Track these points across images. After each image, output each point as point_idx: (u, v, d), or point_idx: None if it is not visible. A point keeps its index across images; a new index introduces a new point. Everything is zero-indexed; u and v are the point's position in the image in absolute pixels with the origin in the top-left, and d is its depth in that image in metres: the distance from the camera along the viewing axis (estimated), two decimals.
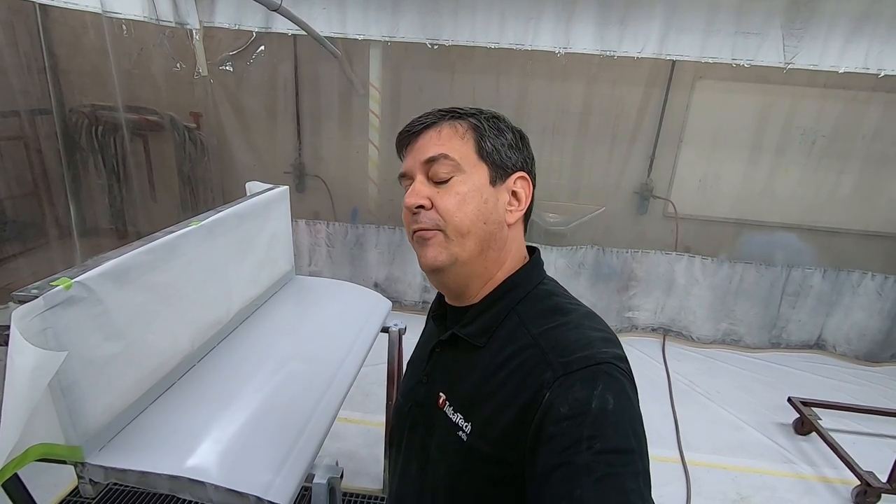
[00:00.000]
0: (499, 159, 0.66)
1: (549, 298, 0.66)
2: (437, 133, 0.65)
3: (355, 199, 3.51)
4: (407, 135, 0.68)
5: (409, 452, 0.71)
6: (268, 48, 3.21)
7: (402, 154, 0.71)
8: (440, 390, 0.67)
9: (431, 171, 0.64)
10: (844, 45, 2.79)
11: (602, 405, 0.51)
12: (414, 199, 0.64)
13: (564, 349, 0.56)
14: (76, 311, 0.93)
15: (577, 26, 2.89)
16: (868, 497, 2.01)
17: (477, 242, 0.64)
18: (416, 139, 0.67)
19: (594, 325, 0.60)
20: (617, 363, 0.55)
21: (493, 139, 0.66)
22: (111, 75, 2.56)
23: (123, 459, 0.98)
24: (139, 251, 1.10)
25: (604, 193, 3.36)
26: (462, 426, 0.61)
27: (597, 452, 0.48)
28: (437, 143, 0.65)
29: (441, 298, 0.76)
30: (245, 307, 1.57)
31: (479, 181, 0.64)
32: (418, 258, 0.67)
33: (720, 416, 2.60)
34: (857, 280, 3.17)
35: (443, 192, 0.63)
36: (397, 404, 0.78)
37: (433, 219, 0.63)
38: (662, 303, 3.37)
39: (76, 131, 2.75)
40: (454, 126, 0.66)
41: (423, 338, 0.83)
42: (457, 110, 0.67)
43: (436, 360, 0.71)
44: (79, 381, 0.95)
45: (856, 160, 3.14)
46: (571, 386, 0.53)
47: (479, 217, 0.63)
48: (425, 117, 0.67)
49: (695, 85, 3.14)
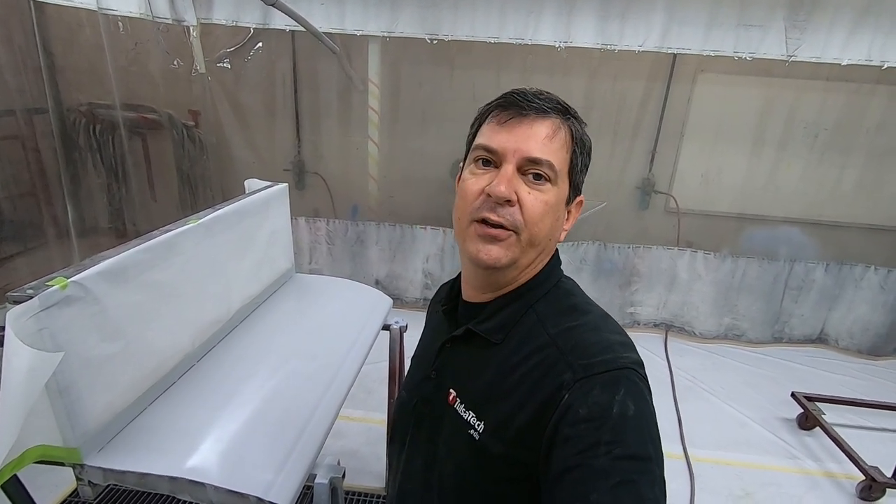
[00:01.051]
0: (577, 181, 0.65)
1: (567, 298, 0.65)
2: (551, 132, 0.60)
3: (355, 197, 3.50)
4: (513, 110, 0.60)
5: (413, 449, 0.70)
6: (266, 44, 3.19)
7: (494, 120, 0.62)
8: (450, 387, 0.66)
9: (527, 167, 0.59)
10: (848, 38, 2.76)
11: (623, 411, 0.50)
12: (507, 190, 0.58)
13: (584, 351, 0.56)
14: (73, 311, 0.92)
15: (578, 20, 2.86)
16: (873, 492, 2.00)
17: (537, 254, 0.63)
18: (523, 120, 0.60)
19: (612, 328, 0.60)
20: (637, 369, 0.55)
21: (582, 159, 0.64)
22: (108, 73, 2.54)
23: (122, 461, 0.97)
24: (136, 250, 1.08)
25: (605, 188, 3.34)
26: (474, 424, 0.60)
27: (615, 458, 0.48)
28: (548, 146, 0.60)
29: (450, 291, 0.74)
30: (245, 305, 1.56)
31: (561, 197, 0.62)
32: (473, 250, 0.61)
33: (723, 412, 2.59)
34: (860, 274, 3.15)
35: (534, 193, 0.60)
36: (401, 400, 0.77)
37: (515, 218, 0.59)
38: (665, 298, 3.35)
39: (74, 130, 2.73)
40: (565, 132, 0.62)
41: (429, 332, 0.81)
42: (567, 107, 0.63)
43: (446, 355, 0.69)
44: (76, 382, 0.93)
45: (859, 154, 3.12)
46: (592, 389, 0.52)
47: (549, 232, 0.62)
48: (540, 101, 0.60)
49: (696, 78, 3.12)
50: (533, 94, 0.61)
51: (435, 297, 0.84)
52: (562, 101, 0.63)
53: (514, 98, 0.60)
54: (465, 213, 0.62)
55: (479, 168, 0.62)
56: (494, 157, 0.60)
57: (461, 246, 0.64)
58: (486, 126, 0.62)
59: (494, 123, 0.61)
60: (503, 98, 0.62)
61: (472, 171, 0.63)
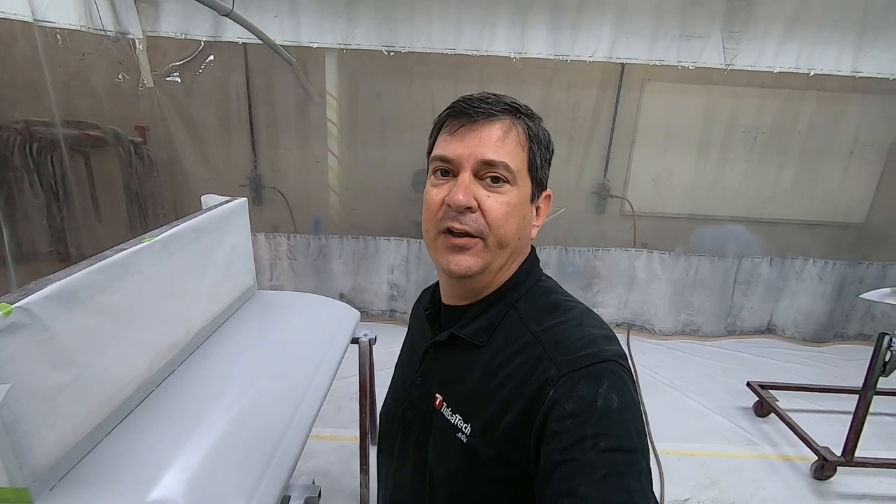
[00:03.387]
0: (540, 177, 0.65)
1: (548, 296, 0.65)
2: (502, 133, 0.60)
3: (316, 210, 3.44)
4: (463, 118, 0.61)
5: (402, 457, 0.69)
6: (218, 58, 3.10)
7: (446, 131, 0.62)
8: (436, 391, 0.66)
9: (483, 171, 0.60)
10: (778, 47, 2.97)
11: (607, 404, 0.51)
12: (466, 198, 0.58)
13: (568, 347, 0.56)
14: (18, 340, 0.85)
15: (531, 32, 2.95)
16: (825, 471, 2.12)
17: (508, 255, 0.63)
18: (474, 126, 0.60)
19: (594, 323, 0.61)
20: (620, 361, 0.56)
21: (542, 154, 0.64)
22: (46, 88, 2.40)
23: (78, 498, 0.91)
24: (88, 271, 1.02)
25: (564, 194, 3.43)
26: (462, 427, 0.60)
27: (601, 451, 0.49)
28: (501, 147, 0.60)
29: (433, 296, 0.74)
30: (206, 325, 1.50)
31: (524, 196, 0.63)
32: (444, 262, 0.62)
33: (685, 405, 2.69)
34: (800, 266, 3.36)
35: (493, 197, 0.60)
36: (387, 407, 0.76)
37: (479, 225, 0.60)
38: (625, 298, 3.46)
39: (8, 149, 2.56)
40: (517, 131, 0.61)
41: (412, 337, 0.81)
42: (517, 106, 0.63)
43: (430, 360, 0.69)
44: (24, 416, 0.87)
45: (793, 154, 3.35)
46: (576, 384, 0.53)
47: (517, 232, 0.62)
48: (487, 105, 0.60)
49: (644, 87, 3.27)
50: (479, 99, 0.61)
51: (418, 301, 0.83)
52: (511, 101, 0.63)
53: (462, 106, 0.61)
54: (430, 225, 0.63)
55: (438, 179, 0.62)
56: (451, 167, 0.61)
57: (433, 258, 0.65)
58: (440, 137, 0.63)
59: (447, 133, 0.62)
60: (451, 108, 0.62)
61: (432, 182, 0.63)
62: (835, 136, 3.31)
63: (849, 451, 2.08)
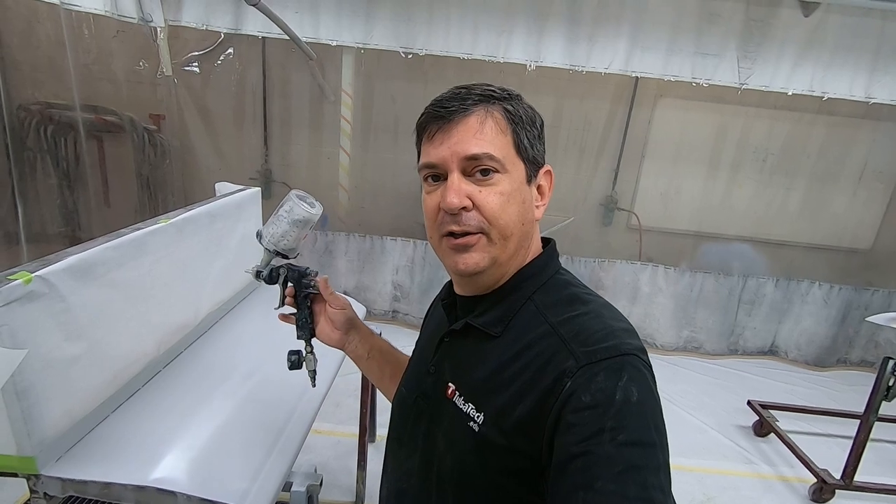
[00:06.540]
0: (532, 155, 0.63)
1: (566, 288, 0.64)
2: (478, 124, 0.59)
3: (325, 206, 3.43)
4: (438, 121, 0.60)
5: (411, 445, 0.68)
6: (236, 50, 3.14)
7: (426, 137, 0.62)
8: (449, 380, 0.65)
9: (471, 167, 0.59)
10: (793, 68, 2.99)
11: (626, 397, 0.50)
12: (458, 199, 0.58)
13: (587, 338, 0.55)
14: (36, 308, 0.86)
15: (548, 40, 2.98)
16: (824, 493, 2.10)
17: (516, 243, 0.62)
18: (450, 127, 0.59)
19: (614, 316, 0.60)
20: (640, 355, 0.55)
21: (528, 132, 0.62)
22: (68, 71, 2.43)
23: (84, 470, 0.91)
24: (105, 247, 1.03)
25: (572, 204, 3.44)
26: (474, 416, 0.59)
27: (619, 444, 0.48)
28: (479, 138, 0.58)
29: (450, 286, 0.74)
30: (215, 311, 1.50)
31: (518, 180, 0.61)
32: (452, 264, 0.62)
33: (685, 421, 2.67)
34: (805, 289, 3.36)
35: (486, 190, 0.59)
36: (400, 396, 0.76)
37: (477, 221, 0.59)
38: (628, 311, 3.45)
39: (23, 129, 2.59)
40: (494, 117, 0.60)
41: (429, 326, 0.81)
42: (490, 91, 0.61)
43: (444, 349, 0.69)
44: (35, 385, 0.87)
45: (802, 177, 3.36)
46: (595, 375, 0.52)
47: (519, 218, 0.61)
48: (458, 101, 0.60)
49: (656, 103, 3.29)
50: (449, 97, 0.61)
51: (438, 294, 0.83)
52: (483, 89, 0.61)
53: (434, 110, 0.61)
54: (433, 232, 0.63)
55: (430, 185, 0.63)
56: (439, 171, 0.61)
57: (442, 261, 0.65)
58: (423, 144, 0.63)
59: (427, 139, 0.62)
60: (425, 113, 0.62)
61: (426, 189, 0.64)
62: (844, 161, 3.32)
63: (848, 475, 2.07)
